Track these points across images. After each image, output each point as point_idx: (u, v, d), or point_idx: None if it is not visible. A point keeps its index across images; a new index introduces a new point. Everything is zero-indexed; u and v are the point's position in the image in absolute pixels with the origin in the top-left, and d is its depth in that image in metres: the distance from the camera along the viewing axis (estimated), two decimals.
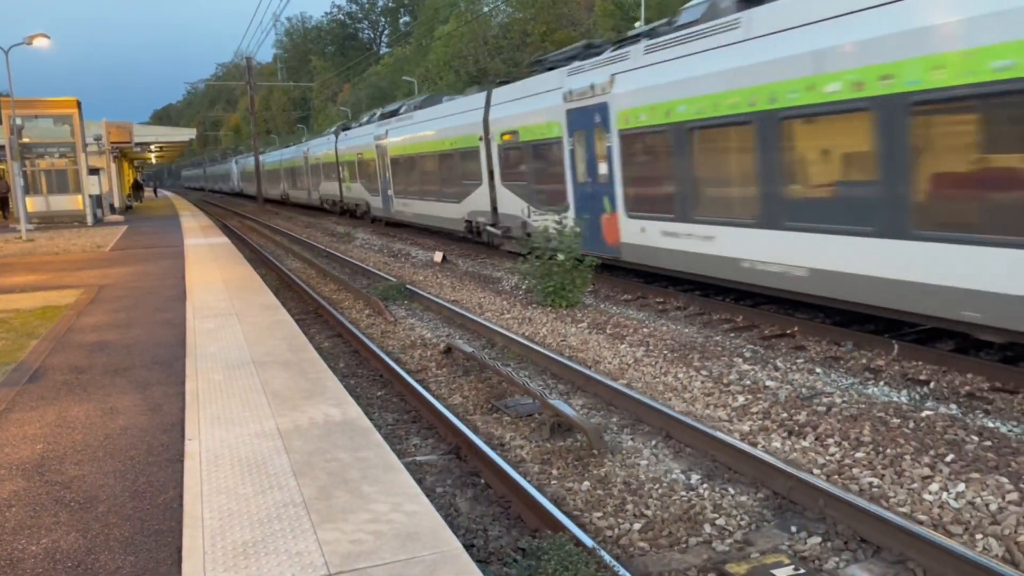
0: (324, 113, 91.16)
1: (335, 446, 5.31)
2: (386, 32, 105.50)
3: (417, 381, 8.95)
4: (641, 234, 12.83)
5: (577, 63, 14.37)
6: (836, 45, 8.60)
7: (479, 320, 11.91)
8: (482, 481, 6.36)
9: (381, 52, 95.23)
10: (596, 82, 13.45)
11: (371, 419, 6.24)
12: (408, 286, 15.33)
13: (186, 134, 48.92)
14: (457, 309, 12.91)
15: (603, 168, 13.71)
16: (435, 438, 7.43)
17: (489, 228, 19.04)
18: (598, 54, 13.94)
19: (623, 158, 13.03)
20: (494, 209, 18.79)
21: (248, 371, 7.49)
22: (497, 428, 7.58)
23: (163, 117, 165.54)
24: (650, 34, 12.84)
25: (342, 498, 4.47)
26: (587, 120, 13.93)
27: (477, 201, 19.69)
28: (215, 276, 14.52)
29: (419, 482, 5.83)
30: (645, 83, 12.12)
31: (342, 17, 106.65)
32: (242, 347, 8.51)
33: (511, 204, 17.74)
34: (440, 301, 13.72)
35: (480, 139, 18.90)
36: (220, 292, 12.60)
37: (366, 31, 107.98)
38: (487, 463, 6.39)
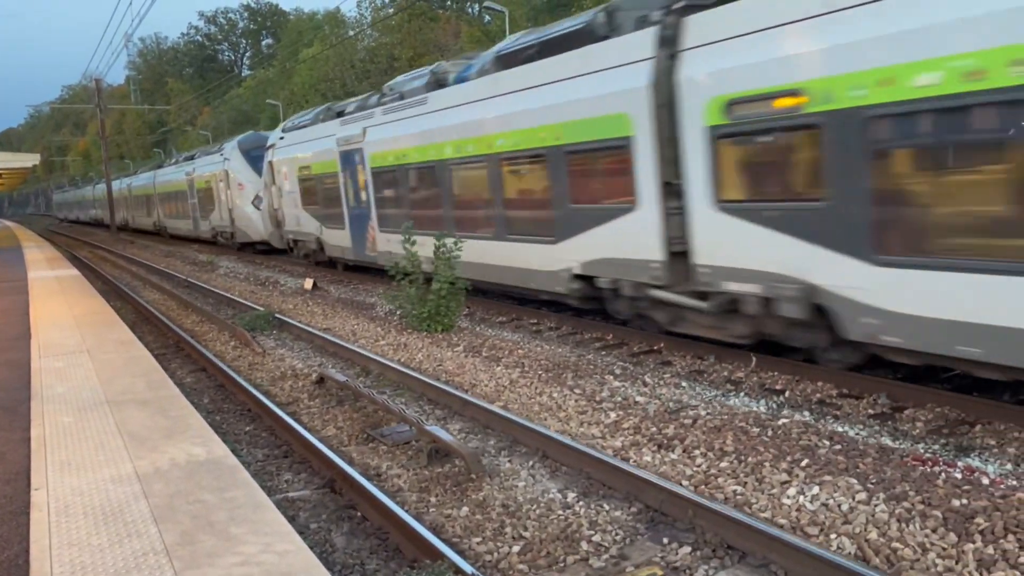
0: (183, 137, 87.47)
1: (199, 487, 5.06)
2: (247, 54, 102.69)
3: (288, 414, 8.66)
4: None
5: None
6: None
7: (353, 348, 11.69)
8: (358, 514, 6.21)
9: (243, 74, 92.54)
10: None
11: (239, 456, 5.98)
12: (277, 315, 14.86)
13: (29, 160, 45.53)
14: (329, 337, 12.62)
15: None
16: (308, 472, 7.20)
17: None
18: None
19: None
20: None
21: (102, 412, 7.03)
22: (373, 458, 7.44)
23: (2, 142, 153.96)
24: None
25: (207, 542, 4.25)
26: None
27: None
28: (64, 311, 13.59)
29: (291, 519, 5.64)
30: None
31: (200, 38, 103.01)
32: (95, 386, 7.99)
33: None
34: (311, 330, 13.38)
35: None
36: (70, 328, 11.80)
37: (226, 53, 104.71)
38: (363, 495, 6.25)
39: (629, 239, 10.29)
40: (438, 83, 15.13)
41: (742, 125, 8.43)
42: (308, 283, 19.51)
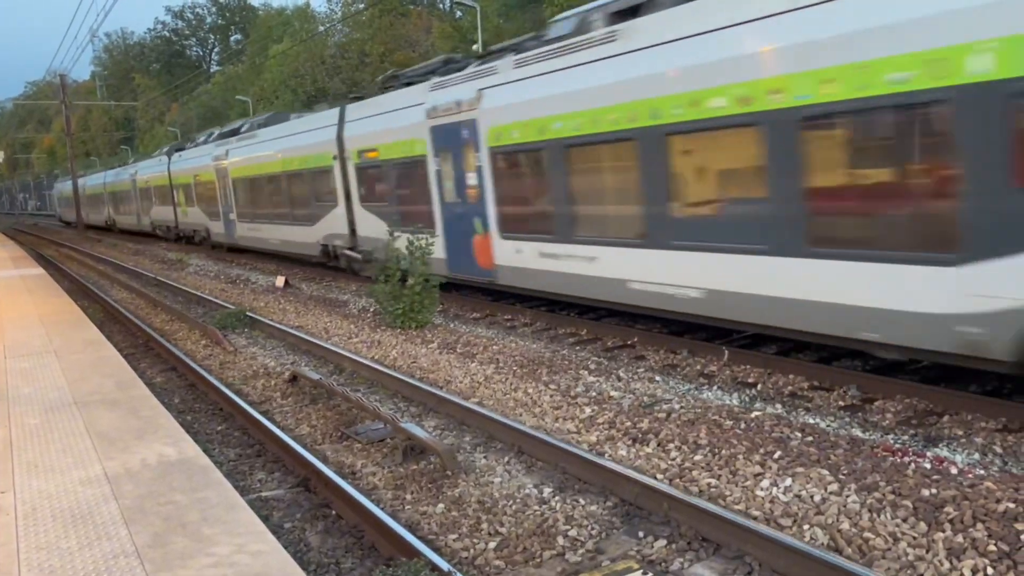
0: (151, 133, 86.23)
1: (171, 488, 4.99)
2: (216, 50, 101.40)
3: (261, 412, 8.58)
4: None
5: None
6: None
7: (326, 345, 11.61)
8: (333, 512, 6.17)
9: (212, 70, 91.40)
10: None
11: (211, 456, 5.91)
12: (249, 313, 14.70)
13: None
14: (302, 335, 12.51)
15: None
16: (282, 471, 7.13)
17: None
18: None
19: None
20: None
21: (70, 413, 6.91)
22: (348, 456, 7.39)
23: None
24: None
25: (180, 543, 4.20)
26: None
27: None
28: (29, 311, 13.34)
29: (265, 519, 5.58)
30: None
31: (167, 34, 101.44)
32: (62, 387, 7.85)
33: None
34: (284, 328, 13.26)
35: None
36: (35, 328, 11.58)
37: (194, 48, 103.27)
38: (338, 493, 6.20)
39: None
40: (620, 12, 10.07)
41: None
42: (280, 280, 19.34)
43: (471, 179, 13.12)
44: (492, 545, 5.43)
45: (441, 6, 62.56)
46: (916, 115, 6.90)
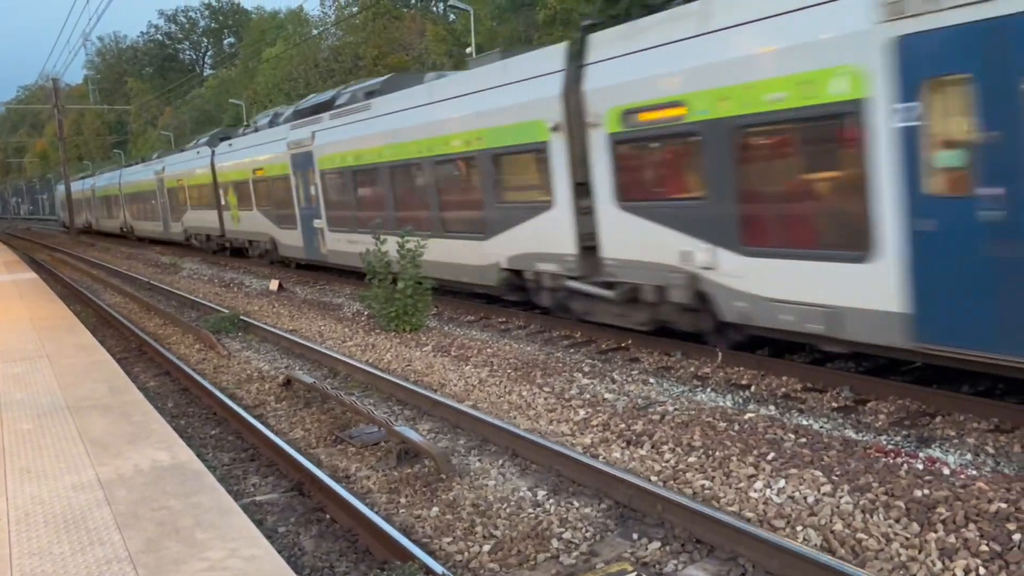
0: (143, 137, 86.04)
1: (164, 493, 4.98)
2: (209, 53, 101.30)
3: (255, 416, 8.56)
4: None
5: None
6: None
7: (320, 349, 11.59)
8: (327, 516, 6.16)
9: (205, 74, 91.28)
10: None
11: (204, 461, 5.90)
12: (242, 317, 14.68)
13: None
14: (296, 339, 12.50)
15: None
16: (276, 476, 7.12)
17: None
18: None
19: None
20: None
21: (62, 418, 6.89)
22: (342, 460, 7.39)
23: None
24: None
25: (173, 548, 4.19)
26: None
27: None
28: (22, 315, 13.30)
29: (259, 524, 5.58)
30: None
31: (160, 37, 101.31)
32: (55, 392, 7.83)
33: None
34: (278, 331, 13.24)
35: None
36: (28, 333, 11.55)
37: (187, 52, 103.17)
38: (332, 497, 6.19)
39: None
40: None
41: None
42: (274, 284, 19.30)
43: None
44: (486, 548, 5.43)
45: (435, 9, 62.65)
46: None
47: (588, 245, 10.83)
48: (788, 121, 7.77)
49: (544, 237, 11.56)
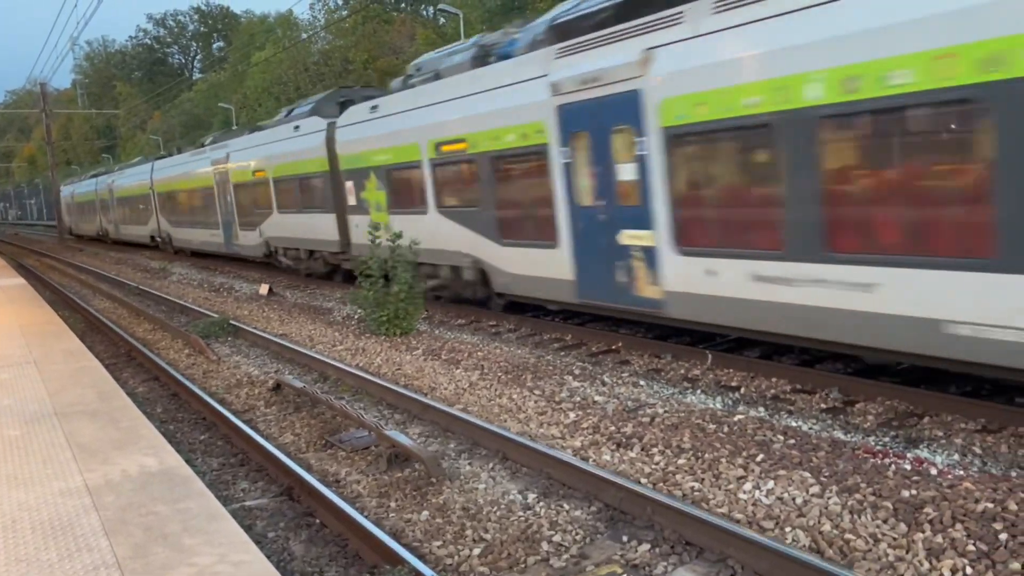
0: (132, 142, 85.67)
1: (152, 499, 4.96)
2: (198, 57, 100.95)
3: (244, 421, 8.54)
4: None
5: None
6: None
7: (310, 353, 11.57)
8: (317, 521, 6.15)
9: (194, 78, 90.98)
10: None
11: (193, 466, 5.89)
12: (232, 321, 14.63)
13: None
14: (286, 343, 12.46)
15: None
16: (265, 480, 7.10)
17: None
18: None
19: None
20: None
21: (50, 424, 6.85)
22: (332, 464, 7.37)
23: None
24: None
25: (161, 554, 4.17)
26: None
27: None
28: (10, 321, 13.22)
29: (248, 529, 5.56)
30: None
31: (149, 41, 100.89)
32: (42, 398, 7.78)
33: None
34: (267, 336, 13.20)
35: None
36: (16, 338, 11.48)
37: (176, 56, 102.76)
38: (322, 501, 6.18)
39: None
40: None
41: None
42: (264, 288, 19.25)
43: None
44: (476, 552, 5.43)
45: (424, 13, 62.65)
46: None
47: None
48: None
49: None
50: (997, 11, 5.96)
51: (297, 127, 19.28)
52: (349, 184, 16.78)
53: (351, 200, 16.78)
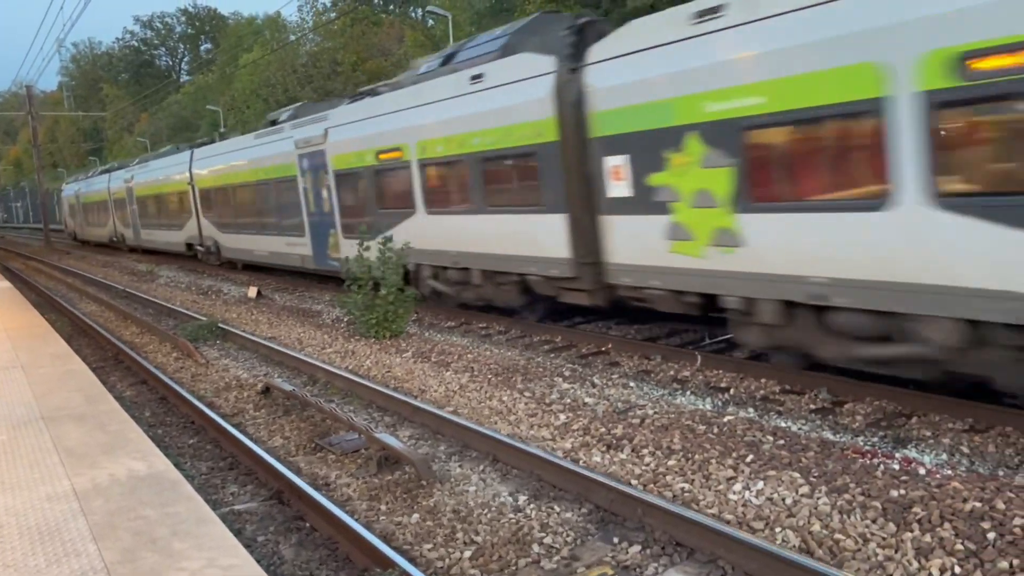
0: (119, 144, 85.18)
1: (140, 503, 4.93)
2: (186, 59, 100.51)
3: (233, 425, 8.50)
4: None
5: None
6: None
7: (299, 356, 11.53)
8: (307, 524, 6.12)
9: (181, 80, 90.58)
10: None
11: (182, 470, 5.85)
12: (221, 325, 14.56)
13: None
14: (275, 346, 12.42)
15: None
16: (255, 484, 7.07)
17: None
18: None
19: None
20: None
21: (37, 428, 6.80)
22: (322, 467, 7.34)
23: None
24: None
25: (149, 559, 4.15)
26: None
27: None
28: None
29: (238, 533, 5.54)
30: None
31: (136, 43, 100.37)
32: (29, 402, 7.72)
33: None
34: (256, 339, 13.14)
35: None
36: (2, 342, 11.39)
37: (163, 58, 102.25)
38: (312, 505, 6.16)
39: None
40: None
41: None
42: (252, 291, 19.17)
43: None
44: (467, 554, 5.42)
45: (413, 15, 62.63)
46: None
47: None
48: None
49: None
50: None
51: (478, 76, 11.94)
52: (615, 162, 9.87)
53: (616, 188, 9.96)
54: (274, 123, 20.29)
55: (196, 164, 25.03)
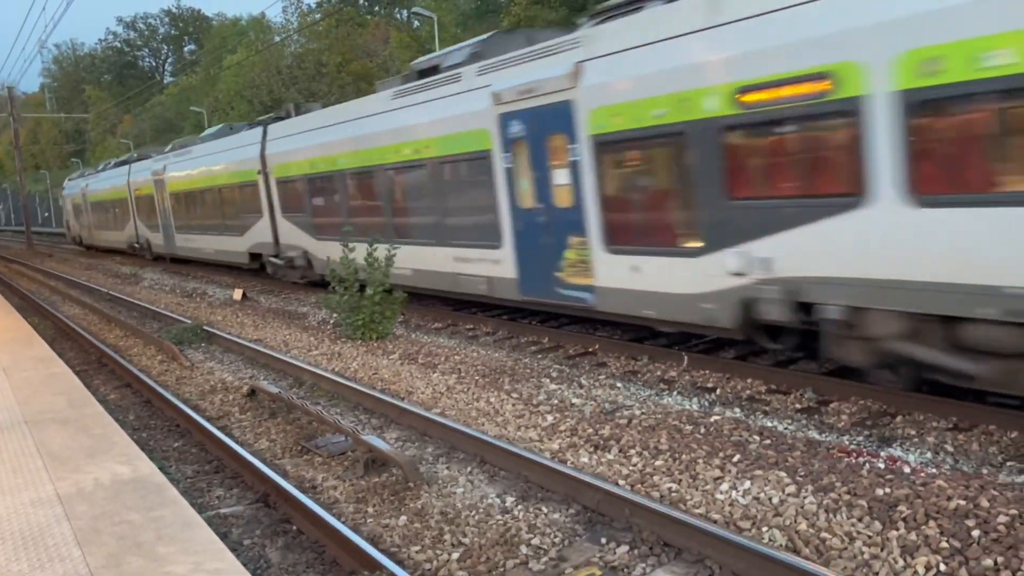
0: (102, 146, 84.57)
1: (125, 507, 4.89)
2: (170, 60, 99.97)
3: (218, 428, 8.44)
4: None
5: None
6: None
7: (285, 358, 11.47)
8: (294, 527, 6.09)
9: (165, 81, 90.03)
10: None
11: (167, 474, 5.81)
12: (206, 327, 14.47)
13: None
14: (261, 348, 12.35)
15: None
16: (241, 487, 7.02)
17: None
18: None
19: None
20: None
21: (20, 432, 6.73)
22: (308, 470, 7.31)
23: None
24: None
25: (134, 563, 4.11)
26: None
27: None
28: None
29: (223, 536, 5.49)
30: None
31: (119, 44, 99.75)
32: (11, 406, 7.64)
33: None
34: (242, 341, 13.07)
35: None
36: None
37: (147, 59, 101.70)
38: (298, 508, 6.13)
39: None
40: None
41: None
42: (238, 293, 19.07)
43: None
44: (455, 556, 5.41)
45: (399, 16, 62.55)
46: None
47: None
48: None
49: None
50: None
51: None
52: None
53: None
54: (431, 71, 13.35)
55: (272, 144, 18.73)
